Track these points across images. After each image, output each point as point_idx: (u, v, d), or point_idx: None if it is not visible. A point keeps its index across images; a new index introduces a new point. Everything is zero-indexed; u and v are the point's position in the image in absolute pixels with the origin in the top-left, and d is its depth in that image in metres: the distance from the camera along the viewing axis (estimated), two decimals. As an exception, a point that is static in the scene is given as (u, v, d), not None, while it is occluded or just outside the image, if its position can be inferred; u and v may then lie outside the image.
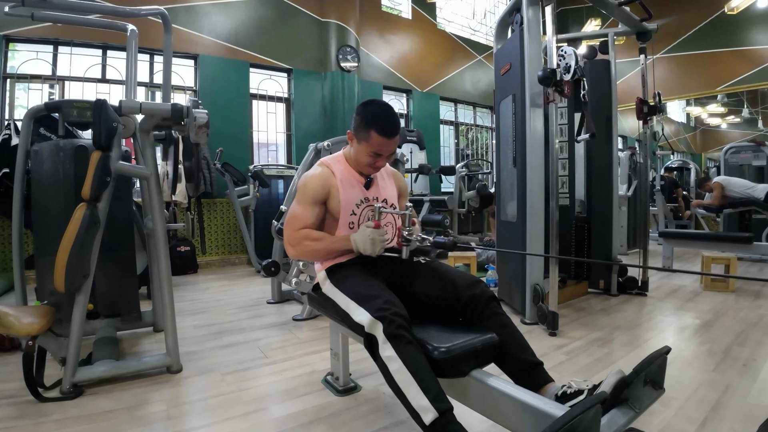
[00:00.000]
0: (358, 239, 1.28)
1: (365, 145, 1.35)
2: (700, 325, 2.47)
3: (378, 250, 1.27)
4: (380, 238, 1.27)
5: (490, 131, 7.82)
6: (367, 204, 1.43)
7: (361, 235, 1.28)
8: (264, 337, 2.30)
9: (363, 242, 1.27)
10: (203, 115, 1.74)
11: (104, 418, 1.43)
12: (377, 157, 1.36)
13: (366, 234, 1.26)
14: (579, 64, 2.69)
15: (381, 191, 1.47)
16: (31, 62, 4.04)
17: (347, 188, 1.39)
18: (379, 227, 1.28)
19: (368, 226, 1.28)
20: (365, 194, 1.43)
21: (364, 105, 1.39)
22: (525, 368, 1.11)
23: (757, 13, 6.50)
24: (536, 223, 2.46)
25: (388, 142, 1.34)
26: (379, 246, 1.27)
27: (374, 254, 1.27)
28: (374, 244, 1.26)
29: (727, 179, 4.79)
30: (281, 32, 5.31)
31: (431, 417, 0.94)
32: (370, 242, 1.25)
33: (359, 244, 1.28)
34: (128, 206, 2.24)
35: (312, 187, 1.38)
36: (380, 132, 1.32)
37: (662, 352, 0.99)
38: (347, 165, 1.45)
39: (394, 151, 1.40)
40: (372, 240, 1.25)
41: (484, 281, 1.31)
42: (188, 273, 4.26)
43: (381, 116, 1.34)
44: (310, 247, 1.34)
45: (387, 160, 1.41)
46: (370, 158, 1.36)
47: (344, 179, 1.40)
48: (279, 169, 4.85)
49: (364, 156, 1.37)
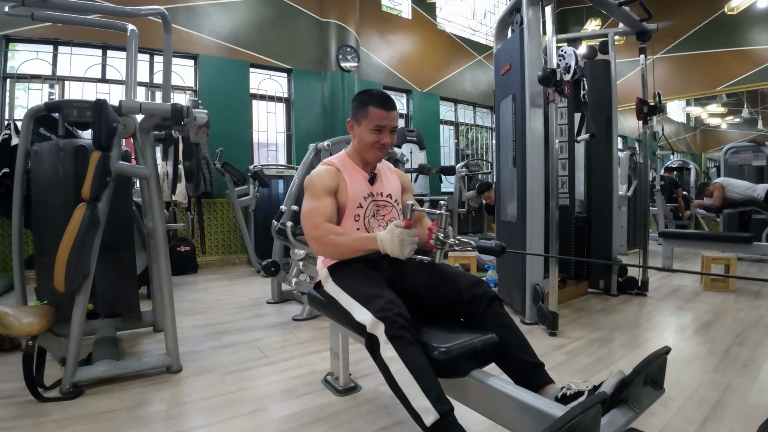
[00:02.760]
0: (386, 239, 1.17)
1: (365, 123, 1.38)
2: (700, 325, 2.47)
3: (407, 252, 1.16)
4: (410, 239, 1.16)
5: (490, 131, 7.82)
6: (371, 199, 1.43)
7: (390, 234, 1.16)
8: (264, 337, 2.30)
9: (391, 243, 1.15)
10: (203, 115, 1.74)
11: (104, 418, 1.43)
12: (380, 132, 1.38)
13: (395, 234, 1.15)
14: (579, 64, 2.69)
15: (385, 187, 1.49)
16: (31, 62, 4.04)
17: (354, 183, 1.41)
18: (409, 227, 1.16)
19: (398, 225, 1.16)
20: (370, 189, 1.44)
21: (359, 93, 1.45)
22: (525, 369, 1.11)
23: (757, 13, 6.50)
24: (536, 223, 2.46)
25: (387, 114, 1.37)
26: (409, 248, 1.16)
27: (403, 257, 1.16)
28: (403, 246, 1.15)
29: (727, 180, 4.79)
30: (281, 32, 5.31)
31: (432, 418, 0.94)
32: (398, 243, 1.14)
33: (387, 245, 1.17)
34: (128, 206, 2.24)
35: (322, 180, 1.37)
36: (378, 105, 1.37)
37: (662, 352, 0.99)
38: (351, 161, 1.46)
39: (395, 128, 1.42)
40: (401, 241, 1.14)
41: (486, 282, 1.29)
42: (188, 273, 4.26)
43: (375, 93, 1.41)
44: (335, 242, 1.26)
45: (391, 138, 1.41)
46: (374, 135, 1.38)
47: (350, 174, 1.42)
48: (279, 169, 4.85)
49: (367, 135, 1.39)
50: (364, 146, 1.41)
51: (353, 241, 1.25)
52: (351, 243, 1.25)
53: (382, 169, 1.53)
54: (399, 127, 6.18)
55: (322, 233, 1.28)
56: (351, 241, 1.25)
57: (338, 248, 1.27)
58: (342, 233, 1.28)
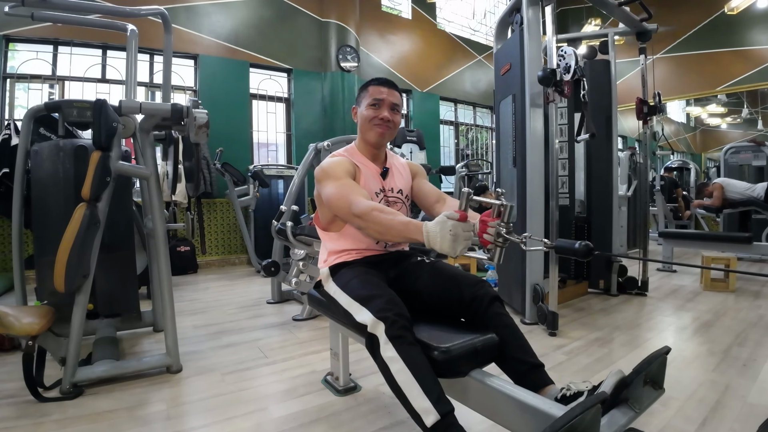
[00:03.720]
0: (436, 232, 0.97)
1: (364, 101, 1.40)
2: (700, 325, 2.47)
3: (461, 248, 0.96)
4: (465, 234, 0.96)
5: (490, 131, 7.82)
6: (383, 195, 1.41)
7: (441, 227, 0.96)
8: (264, 337, 2.30)
9: (442, 237, 0.96)
10: (203, 115, 1.74)
11: (104, 418, 1.43)
12: (377, 107, 1.38)
13: (447, 227, 0.95)
14: (579, 64, 2.69)
15: (396, 182, 1.46)
16: (31, 62, 4.04)
17: (367, 176, 1.39)
18: (465, 220, 0.97)
19: (450, 216, 0.96)
20: (382, 184, 1.42)
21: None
22: (526, 369, 1.10)
23: (757, 13, 6.50)
24: (536, 223, 2.46)
25: (384, 89, 1.39)
26: (463, 244, 0.96)
27: (455, 254, 0.97)
28: (456, 241, 0.95)
29: (727, 181, 4.79)
30: (281, 32, 5.31)
31: (433, 419, 0.94)
32: (451, 238, 0.95)
33: (437, 239, 0.97)
34: (128, 206, 2.24)
35: (340, 164, 1.33)
36: (375, 83, 1.40)
37: (662, 352, 0.99)
38: (360, 154, 1.44)
39: (397, 106, 1.41)
40: (454, 236, 0.95)
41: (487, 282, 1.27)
42: (188, 273, 4.26)
43: (375, 77, 1.45)
44: (380, 219, 1.10)
45: (392, 115, 1.39)
46: (371, 110, 1.38)
47: (362, 167, 1.40)
48: (279, 169, 4.85)
49: (365, 111, 1.40)
50: (365, 124, 1.40)
51: (400, 224, 1.07)
52: (397, 225, 1.08)
53: (394, 164, 1.50)
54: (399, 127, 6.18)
55: (364, 208, 1.13)
56: (398, 223, 1.08)
57: (382, 227, 1.11)
58: (387, 211, 1.13)
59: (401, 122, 1.61)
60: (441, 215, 0.98)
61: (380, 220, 1.11)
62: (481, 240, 1.03)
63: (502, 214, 0.99)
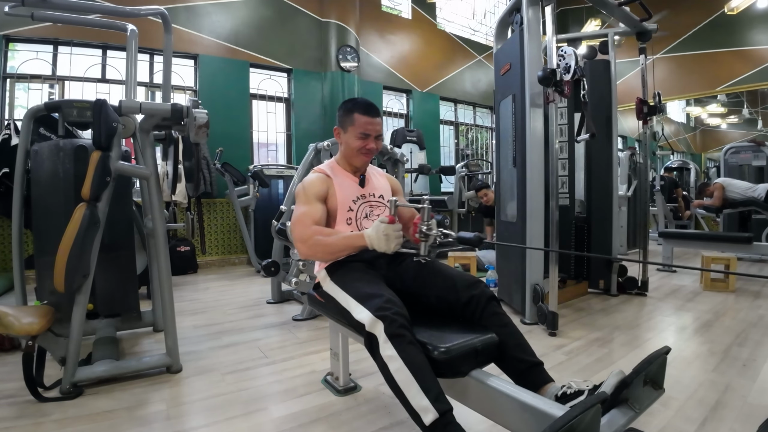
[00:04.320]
0: (372, 235, 1.21)
1: (351, 129, 1.44)
2: (700, 325, 2.47)
3: (393, 246, 1.19)
4: (395, 234, 1.19)
5: (490, 131, 7.82)
6: (363, 201, 1.48)
7: (375, 230, 1.21)
8: (264, 337, 2.30)
9: (378, 238, 1.20)
10: (203, 115, 1.74)
11: (104, 418, 1.43)
12: (365, 138, 1.44)
13: (380, 229, 1.19)
14: (579, 64, 2.69)
15: (375, 188, 1.53)
16: (31, 62, 4.04)
17: (343, 187, 1.46)
18: (393, 222, 1.20)
19: (382, 221, 1.20)
20: (360, 191, 1.49)
21: (344, 102, 1.51)
22: (525, 368, 1.11)
23: (757, 13, 6.50)
24: (536, 223, 2.46)
25: (371, 120, 1.44)
26: (395, 242, 1.19)
27: (389, 251, 1.20)
28: (389, 240, 1.19)
29: (728, 181, 4.79)
30: (281, 32, 5.31)
31: (431, 417, 0.94)
32: (384, 238, 1.18)
33: (374, 240, 1.21)
34: (128, 206, 2.24)
35: (312, 186, 1.43)
36: (362, 112, 1.43)
37: (662, 352, 0.99)
38: (340, 167, 1.52)
39: (381, 134, 1.48)
40: (386, 236, 1.18)
41: (484, 281, 1.30)
42: (188, 273, 4.26)
43: (359, 101, 1.47)
44: (323, 242, 1.30)
45: (377, 143, 1.46)
46: (360, 141, 1.44)
47: (339, 180, 1.47)
48: (279, 169, 4.86)
49: (353, 141, 1.44)
50: (351, 152, 1.47)
51: (341, 240, 1.29)
52: (339, 242, 1.29)
53: (371, 172, 1.58)
54: (399, 127, 6.19)
55: (308, 235, 1.32)
56: (339, 240, 1.30)
57: (326, 248, 1.31)
58: (329, 233, 1.32)
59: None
60: (376, 221, 1.23)
61: (323, 242, 1.30)
62: (414, 239, 1.24)
63: (422, 216, 1.21)
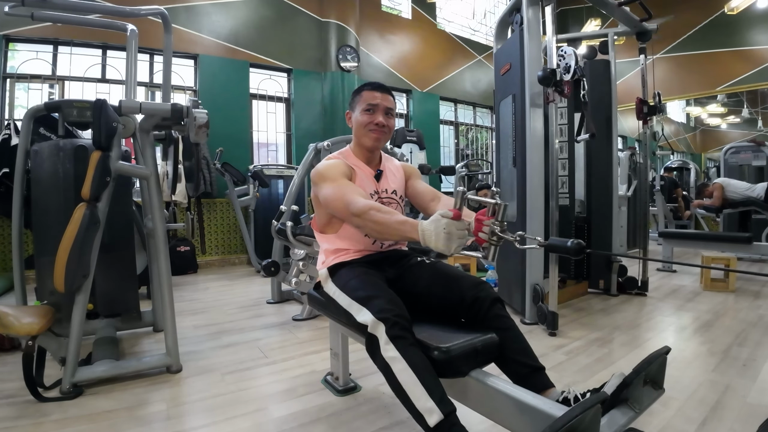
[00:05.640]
0: (430, 231, 0.98)
1: (359, 107, 1.42)
2: (700, 325, 2.47)
3: (455, 247, 0.97)
4: (459, 232, 0.97)
5: (490, 131, 7.82)
6: (378, 197, 1.42)
7: (435, 226, 0.97)
8: (264, 337, 2.30)
9: (436, 236, 0.97)
10: (203, 115, 1.74)
11: (104, 418, 1.43)
12: (372, 112, 1.39)
13: (441, 225, 0.96)
14: (579, 64, 2.68)
15: (390, 183, 1.47)
16: (31, 62, 4.04)
17: (361, 178, 1.40)
18: (459, 218, 0.97)
19: (444, 215, 0.97)
20: (376, 186, 1.43)
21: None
22: (526, 372, 1.10)
23: (757, 13, 6.50)
24: (536, 223, 2.46)
25: (378, 95, 1.40)
26: (457, 242, 0.97)
27: (449, 252, 0.98)
28: (450, 240, 0.96)
29: (727, 181, 4.79)
30: (281, 32, 5.31)
31: (436, 419, 0.94)
32: (445, 237, 0.96)
33: (431, 238, 0.98)
34: (128, 206, 2.24)
35: (336, 166, 1.34)
36: (369, 88, 1.42)
37: (662, 352, 0.99)
38: (355, 157, 1.46)
39: (390, 110, 1.43)
40: (448, 234, 0.96)
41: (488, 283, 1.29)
42: (188, 273, 4.26)
43: (368, 82, 1.46)
44: (377, 218, 1.12)
45: (387, 120, 1.41)
46: (366, 115, 1.39)
47: (357, 169, 1.41)
48: (279, 169, 4.85)
49: (360, 116, 1.41)
50: (360, 130, 1.42)
51: (396, 223, 1.09)
52: (394, 223, 1.10)
53: (388, 166, 1.51)
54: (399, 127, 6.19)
55: (362, 207, 1.15)
56: (394, 222, 1.10)
57: (380, 225, 1.13)
58: (384, 210, 1.15)
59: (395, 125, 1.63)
60: (436, 214, 0.99)
61: (378, 218, 1.12)
62: (477, 238, 1.02)
63: (497, 213, 1.01)
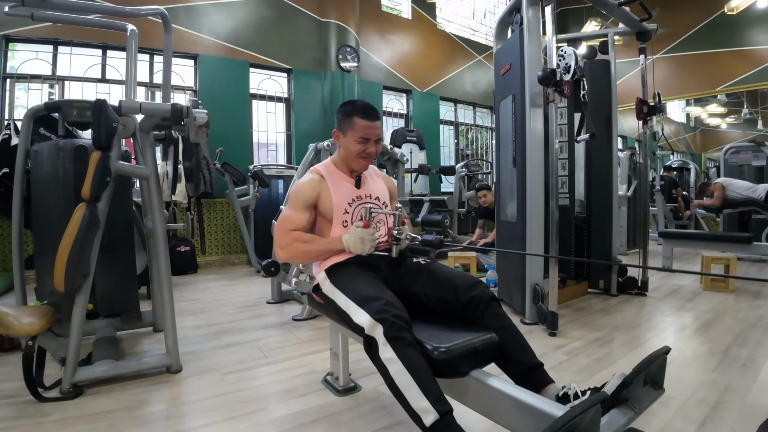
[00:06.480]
0: (348, 239, 1.33)
1: (351, 133, 1.44)
2: (700, 325, 2.47)
3: (368, 248, 1.31)
4: (369, 237, 1.31)
5: (490, 131, 7.82)
6: (359, 202, 1.47)
7: (351, 234, 1.32)
8: (264, 337, 2.30)
9: (353, 242, 1.31)
10: (203, 115, 1.74)
11: (104, 418, 1.43)
12: (365, 142, 1.43)
13: (355, 233, 1.31)
14: (579, 64, 2.68)
15: (372, 189, 1.52)
16: (31, 62, 4.04)
17: (338, 189, 1.45)
18: (367, 227, 1.32)
19: (357, 225, 1.32)
20: (356, 193, 1.48)
21: (343, 104, 1.50)
22: (525, 370, 1.11)
23: (757, 13, 6.49)
24: (536, 223, 2.46)
25: (371, 125, 1.43)
26: (369, 245, 1.31)
27: (364, 253, 1.32)
28: (363, 243, 1.30)
29: (729, 181, 4.79)
30: (281, 32, 5.31)
31: (432, 419, 0.94)
32: (359, 241, 1.30)
33: (350, 244, 1.32)
34: (128, 206, 2.24)
35: (302, 192, 1.44)
36: (362, 116, 1.43)
37: (662, 352, 0.99)
38: (336, 168, 1.51)
39: (380, 138, 1.48)
40: (361, 239, 1.30)
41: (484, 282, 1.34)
42: (188, 273, 4.26)
43: (359, 104, 1.46)
44: (301, 249, 1.37)
45: (376, 147, 1.46)
46: (360, 144, 1.43)
47: (335, 181, 1.46)
48: (279, 169, 4.85)
49: (353, 145, 1.43)
50: (351, 156, 1.46)
51: (320, 245, 1.38)
52: (318, 247, 1.38)
53: (367, 173, 1.56)
54: (399, 127, 6.19)
55: (287, 241, 1.38)
56: (318, 245, 1.38)
57: (304, 254, 1.39)
58: (308, 240, 1.38)
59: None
60: (352, 226, 1.34)
61: (301, 249, 1.38)
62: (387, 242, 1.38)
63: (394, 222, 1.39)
